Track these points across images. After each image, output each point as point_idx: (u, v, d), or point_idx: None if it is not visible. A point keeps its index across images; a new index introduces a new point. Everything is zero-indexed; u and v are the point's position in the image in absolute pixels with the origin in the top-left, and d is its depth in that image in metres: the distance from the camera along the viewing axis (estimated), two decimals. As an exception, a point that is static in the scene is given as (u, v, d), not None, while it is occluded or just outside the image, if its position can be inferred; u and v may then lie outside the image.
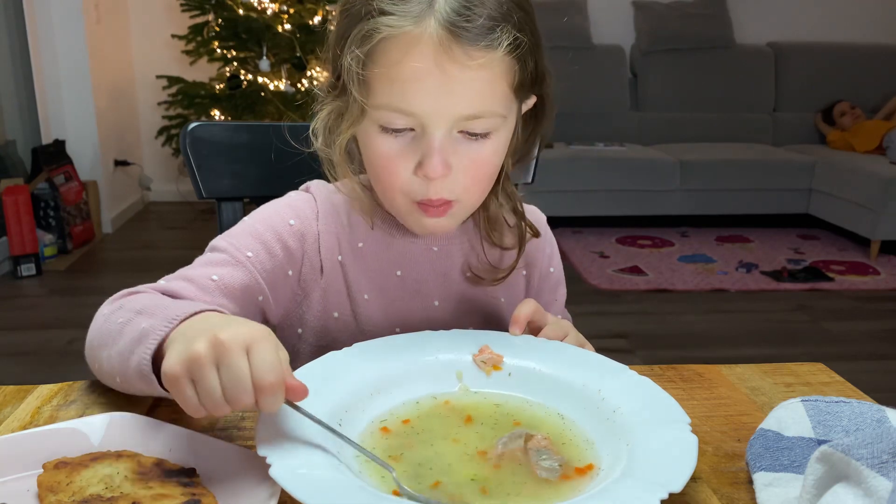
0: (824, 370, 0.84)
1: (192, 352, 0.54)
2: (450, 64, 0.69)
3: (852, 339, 2.90)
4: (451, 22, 0.68)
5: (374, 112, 0.73)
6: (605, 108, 4.53)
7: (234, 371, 0.53)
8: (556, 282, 0.98)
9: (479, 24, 0.68)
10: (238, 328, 0.55)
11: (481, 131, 0.74)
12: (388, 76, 0.70)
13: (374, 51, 0.70)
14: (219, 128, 1.06)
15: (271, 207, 0.86)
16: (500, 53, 0.70)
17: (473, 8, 0.69)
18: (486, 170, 0.77)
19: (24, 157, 3.71)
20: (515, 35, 0.70)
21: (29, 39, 3.69)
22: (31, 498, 0.57)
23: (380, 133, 0.74)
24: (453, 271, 0.88)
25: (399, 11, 0.69)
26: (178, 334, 0.60)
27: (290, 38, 3.74)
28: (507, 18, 0.70)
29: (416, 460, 0.60)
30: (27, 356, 2.60)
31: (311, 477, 0.52)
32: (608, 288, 3.37)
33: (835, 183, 4.10)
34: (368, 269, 0.86)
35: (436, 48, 0.68)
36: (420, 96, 0.70)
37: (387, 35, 0.69)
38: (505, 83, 0.73)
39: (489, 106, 0.73)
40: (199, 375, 0.53)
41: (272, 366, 0.53)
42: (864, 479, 0.48)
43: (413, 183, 0.75)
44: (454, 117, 0.72)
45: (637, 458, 0.57)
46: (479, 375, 0.72)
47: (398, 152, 0.74)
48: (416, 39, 0.69)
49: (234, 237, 0.81)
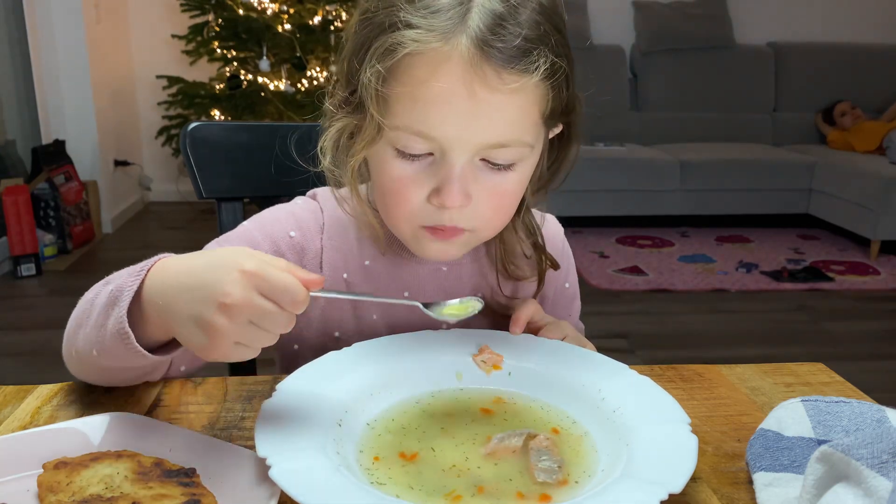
0: (824, 370, 0.84)
1: (217, 327, 0.53)
2: (480, 87, 0.63)
3: (852, 339, 2.90)
4: (484, 40, 0.62)
5: (392, 133, 0.67)
6: (605, 108, 4.53)
7: (267, 317, 0.54)
8: (572, 297, 0.94)
9: (515, 44, 0.63)
10: (232, 277, 0.54)
11: (506, 162, 0.68)
12: (410, 96, 0.64)
13: (397, 67, 0.64)
14: (219, 128, 1.06)
15: (273, 214, 0.82)
16: (535, 79, 0.64)
17: (509, 26, 0.63)
18: (507, 201, 0.72)
19: (24, 157, 3.72)
20: (553, 60, 0.64)
21: (29, 39, 3.69)
22: (31, 498, 0.57)
23: (395, 156, 0.68)
24: (463, 293, 0.84)
25: (427, 25, 0.63)
26: (163, 297, 0.58)
27: (290, 38, 3.74)
28: (544, 41, 0.64)
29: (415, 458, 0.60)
30: (27, 356, 2.60)
31: (310, 478, 0.52)
32: (608, 288, 3.37)
33: (835, 183, 4.10)
34: (376, 288, 0.82)
35: (466, 68, 0.62)
36: (444, 120, 0.64)
37: (412, 51, 0.63)
38: (537, 111, 0.67)
39: (517, 135, 0.67)
40: (240, 338, 0.54)
41: (291, 287, 0.54)
42: (864, 479, 0.48)
43: (425, 209, 0.69)
44: (479, 145, 0.66)
45: (637, 459, 0.57)
46: (479, 375, 0.72)
47: (413, 177, 0.68)
48: (444, 57, 0.63)
49: (229, 242, 0.79)
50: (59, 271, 3.46)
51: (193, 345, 0.57)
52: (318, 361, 0.69)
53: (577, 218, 4.17)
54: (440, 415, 0.67)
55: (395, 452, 0.61)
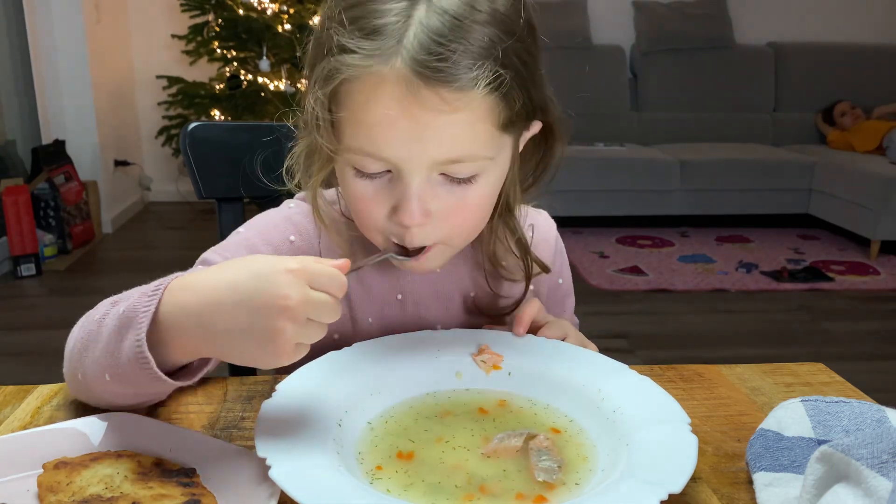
0: (824, 370, 0.84)
1: (284, 334, 0.53)
2: (419, 109, 0.61)
3: (852, 339, 2.90)
4: (419, 61, 0.60)
5: (346, 154, 0.67)
6: (605, 108, 4.53)
7: (322, 308, 0.54)
8: (565, 293, 0.94)
9: (452, 60, 0.60)
10: (282, 280, 0.54)
11: (465, 175, 0.67)
12: (354, 120, 0.64)
13: (337, 92, 0.64)
14: (219, 128, 1.06)
15: (268, 219, 0.82)
16: (479, 94, 0.62)
17: (448, 44, 0.60)
18: (471, 213, 0.70)
19: (24, 157, 3.72)
20: (497, 72, 0.62)
21: (29, 39, 3.69)
22: (31, 498, 0.57)
23: (354, 175, 0.68)
24: (454, 295, 0.85)
25: (363, 49, 0.61)
26: (192, 316, 0.57)
27: (290, 38, 3.74)
28: (488, 53, 0.62)
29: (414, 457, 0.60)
30: (27, 356, 2.60)
31: (310, 478, 0.52)
32: (608, 288, 3.37)
33: (835, 183, 4.10)
34: (369, 292, 0.82)
35: (403, 91, 0.61)
36: (390, 142, 0.63)
37: (349, 76, 0.62)
38: (488, 123, 0.65)
39: (471, 150, 0.65)
40: (301, 338, 0.55)
41: (335, 275, 0.55)
42: (864, 479, 0.48)
43: (389, 226, 0.69)
44: (431, 162, 0.65)
45: (637, 458, 0.57)
46: (479, 375, 0.72)
47: (373, 196, 0.68)
48: (381, 80, 0.61)
49: (227, 250, 0.77)
50: (59, 271, 3.46)
51: (250, 357, 0.56)
52: (317, 361, 0.69)
53: (577, 218, 4.17)
54: (440, 415, 0.67)
55: (394, 452, 0.61)
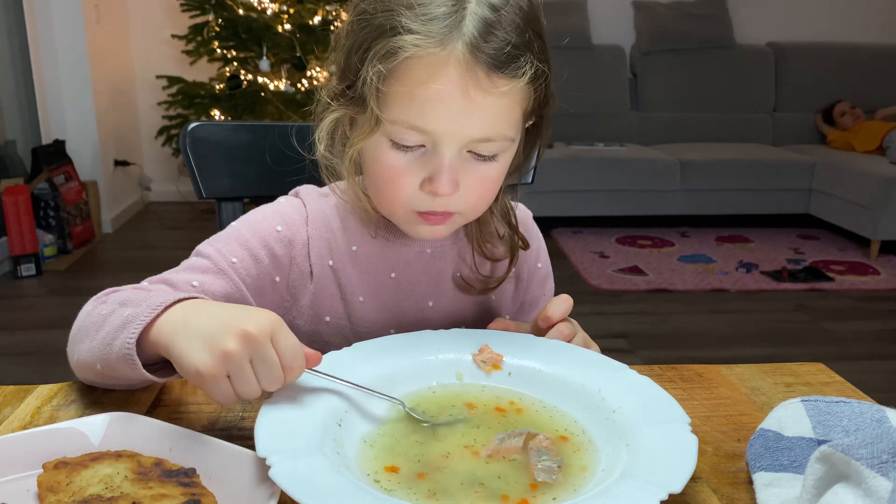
0: (824, 370, 0.84)
1: (228, 350, 0.57)
2: (474, 89, 0.69)
3: (852, 339, 2.90)
4: (477, 46, 0.68)
5: (388, 126, 0.72)
6: (605, 108, 4.53)
7: (268, 363, 0.59)
8: (544, 276, 0.99)
9: (505, 51, 0.69)
10: (256, 317, 0.59)
11: (490, 153, 0.75)
12: (409, 94, 0.70)
13: (398, 68, 0.70)
14: (219, 128, 1.06)
15: (259, 213, 0.86)
16: (523, 83, 0.70)
17: (498, 33, 0.69)
18: (490, 187, 0.79)
19: (24, 157, 3.72)
20: (538, 66, 0.71)
21: (29, 39, 3.69)
22: (31, 498, 0.57)
23: (390, 147, 0.74)
24: (445, 273, 0.90)
25: (426, 31, 0.68)
26: (176, 326, 0.61)
27: (290, 38, 3.74)
28: (529, 47, 0.71)
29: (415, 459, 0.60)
30: (27, 356, 2.60)
31: (311, 479, 0.52)
32: (608, 288, 3.37)
33: (835, 183, 4.10)
34: (363, 271, 0.87)
35: (461, 72, 0.69)
36: (438, 117, 0.70)
37: (412, 54, 0.68)
38: (520, 109, 0.74)
39: (502, 130, 0.73)
40: (236, 371, 0.58)
41: (296, 349, 0.60)
42: (864, 479, 0.48)
43: (418, 197, 0.76)
44: (468, 139, 0.72)
45: (637, 459, 0.57)
46: (479, 375, 0.72)
47: (406, 167, 0.74)
48: (442, 62, 0.68)
49: (219, 242, 0.81)
50: (58, 271, 3.46)
51: (195, 361, 0.58)
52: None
53: (577, 218, 4.17)
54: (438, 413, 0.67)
55: (394, 453, 0.61)
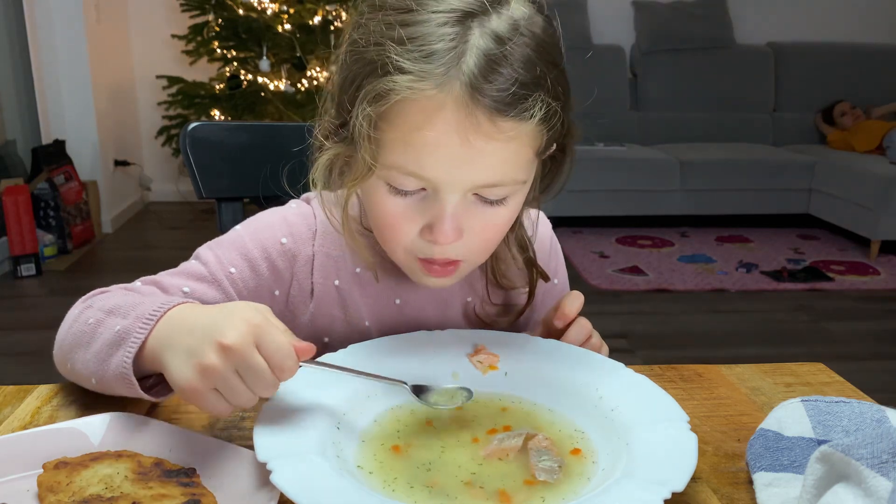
0: (824, 370, 0.84)
1: (207, 365, 0.55)
2: (474, 135, 0.62)
3: (852, 339, 2.90)
4: (478, 88, 0.60)
5: (384, 171, 0.66)
6: (605, 108, 4.53)
7: (254, 371, 0.55)
8: (560, 293, 0.93)
9: (510, 91, 0.61)
10: (234, 323, 0.56)
11: (498, 198, 0.68)
12: (403, 140, 0.63)
13: (389, 112, 0.63)
14: (219, 128, 1.06)
15: (266, 219, 0.82)
16: (531, 125, 0.63)
17: (503, 70, 0.61)
18: (498, 232, 0.72)
19: (24, 157, 3.71)
20: (549, 103, 0.63)
21: (29, 39, 3.69)
22: (31, 498, 0.57)
23: (387, 192, 0.67)
24: (454, 300, 0.85)
25: (420, 71, 0.61)
26: (165, 339, 0.60)
27: (290, 38, 3.74)
28: (539, 83, 0.62)
29: (414, 459, 0.60)
30: (27, 356, 2.60)
31: (311, 481, 0.52)
32: (608, 288, 3.37)
33: (835, 183, 4.10)
34: (367, 295, 0.82)
35: (460, 116, 0.61)
36: (437, 164, 0.64)
37: (405, 97, 0.61)
38: (531, 150, 0.67)
39: (511, 175, 0.66)
40: (222, 384, 0.56)
41: (285, 350, 0.56)
42: (864, 479, 0.48)
43: (418, 243, 0.69)
44: (471, 185, 0.66)
45: (637, 458, 0.57)
46: (476, 375, 0.72)
47: (404, 213, 0.68)
48: (438, 106, 0.61)
49: (221, 248, 0.78)
50: (58, 271, 3.46)
51: (177, 377, 0.57)
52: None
53: (577, 218, 4.17)
54: (438, 416, 0.67)
55: (394, 454, 0.61)
